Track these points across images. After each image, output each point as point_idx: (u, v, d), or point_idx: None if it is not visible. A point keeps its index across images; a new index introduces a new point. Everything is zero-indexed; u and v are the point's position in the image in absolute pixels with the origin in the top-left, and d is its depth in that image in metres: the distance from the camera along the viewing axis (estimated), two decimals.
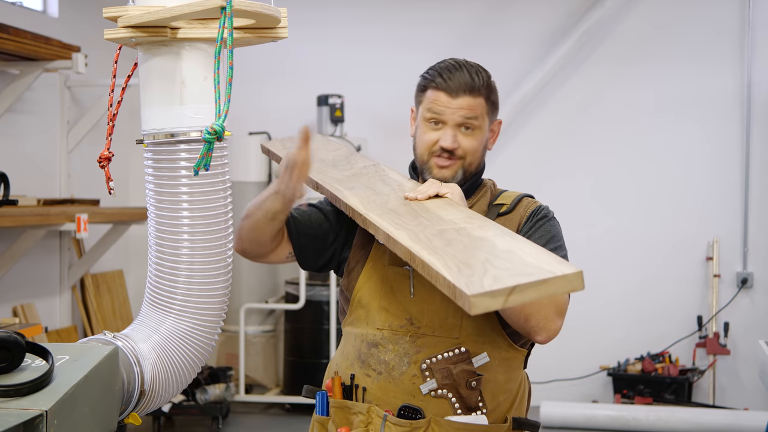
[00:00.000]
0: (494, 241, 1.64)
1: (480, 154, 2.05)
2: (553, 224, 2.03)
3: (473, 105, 2.00)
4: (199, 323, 1.75)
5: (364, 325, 2.02)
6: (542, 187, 6.47)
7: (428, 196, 1.91)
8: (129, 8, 1.63)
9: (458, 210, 1.84)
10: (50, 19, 5.70)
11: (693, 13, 6.35)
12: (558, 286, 1.46)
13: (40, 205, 4.81)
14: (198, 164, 1.53)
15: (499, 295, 1.42)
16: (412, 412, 1.93)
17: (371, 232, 1.85)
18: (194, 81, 1.67)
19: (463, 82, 1.99)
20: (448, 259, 1.57)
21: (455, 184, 1.97)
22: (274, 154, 2.36)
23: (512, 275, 1.47)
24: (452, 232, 1.71)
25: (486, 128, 2.05)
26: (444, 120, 2.01)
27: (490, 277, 1.47)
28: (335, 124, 6.37)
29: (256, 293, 6.43)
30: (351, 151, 2.35)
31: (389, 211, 1.87)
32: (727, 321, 6.20)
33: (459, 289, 1.44)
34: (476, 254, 1.58)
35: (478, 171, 2.07)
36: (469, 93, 1.99)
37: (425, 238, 1.68)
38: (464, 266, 1.53)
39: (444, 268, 1.53)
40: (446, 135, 2.01)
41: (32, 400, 1.38)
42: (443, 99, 2.01)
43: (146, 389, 1.68)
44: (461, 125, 2.01)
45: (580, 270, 1.47)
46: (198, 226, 1.71)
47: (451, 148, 2.01)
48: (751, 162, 6.24)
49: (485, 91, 2.02)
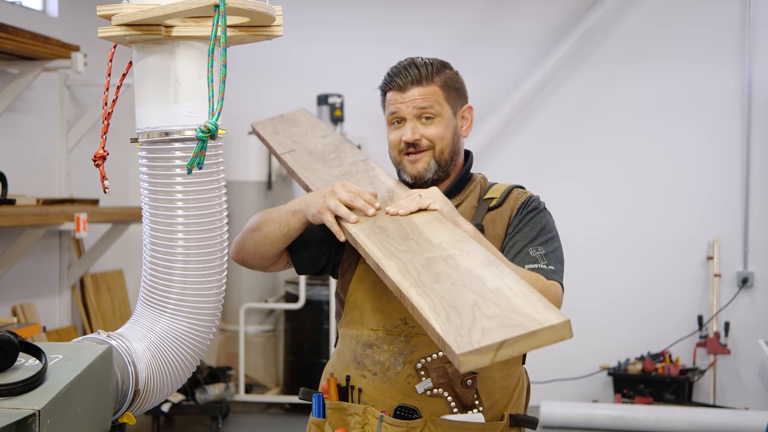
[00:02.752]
0: (481, 275, 1.65)
1: (450, 140, 2.06)
2: (543, 215, 2.02)
3: (425, 94, 2.04)
4: (193, 323, 1.74)
5: (359, 326, 2.01)
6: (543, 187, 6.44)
7: (410, 212, 1.90)
8: (123, 6, 1.62)
9: (446, 229, 1.82)
10: (50, 18, 5.70)
11: (693, 12, 6.34)
12: (546, 337, 1.47)
13: (39, 205, 4.80)
14: (191, 162, 1.52)
15: (487, 351, 1.44)
16: (408, 412, 1.92)
17: (361, 254, 1.85)
18: (189, 79, 1.66)
19: (410, 75, 2.04)
20: (437, 301, 1.58)
21: (435, 189, 1.95)
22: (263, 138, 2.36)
23: (501, 326, 1.48)
24: (441, 261, 1.71)
25: (448, 115, 2.06)
26: (402, 116, 2.05)
27: (478, 329, 1.48)
28: (335, 124, 6.37)
29: (256, 293, 6.43)
30: (340, 139, 2.35)
31: (378, 229, 1.86)
32: (728, 321, 6.19)
33: (448, 345, 1.47)
34: (465, 295, 1.59)
35: (454, 160, 2.07)
36: (417, 84, 2.04)
37: (414, 270, 1.69)
38: (453, 312, 1.54)
39: (433, 314, 1.54)
40: (406, 129, 2.05)
41: (25, 400, 1.38)
42: (397, 96, 2.06)
43: (141, 389, 1.68)
44: (420, 116, 2.04)
45: (567, 319, 1.48)
46: (193, 225, 1.70)
47: (412, 140, 2.04)
48: (752, 161, 6.23)
49: (437, 78, 2.05)
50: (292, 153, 2.26)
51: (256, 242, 2.04)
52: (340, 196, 1.90)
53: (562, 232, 2.06)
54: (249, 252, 2.07)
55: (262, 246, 2.04)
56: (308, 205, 1.95)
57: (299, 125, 2.40)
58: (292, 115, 2.46)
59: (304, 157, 2.24)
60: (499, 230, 2.00)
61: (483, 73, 6.33)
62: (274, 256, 2.07)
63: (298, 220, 1.99)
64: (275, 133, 2.36)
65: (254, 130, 2.43)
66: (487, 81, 6.35)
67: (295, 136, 2.34)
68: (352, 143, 2.34)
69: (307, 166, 2.17)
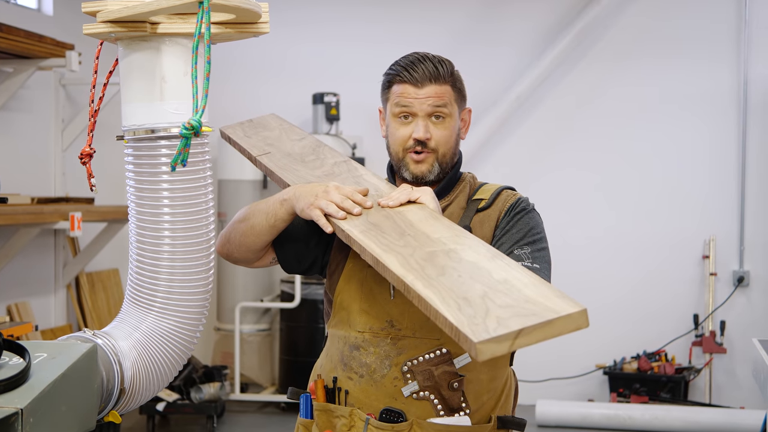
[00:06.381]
0: (488, 268, 1.61)
1: (452, 144, 2.02)
2: (531, 217, 1.99)
3: (440, 93, 1.99)
4: (180, 321, 1.73)
5: (347, 328, 1.99)
6: (539, 184, 6.47)
7: (400, 203, 1.87)
8: (108, 3, 1.61)
9: (442, 224, 1.79)
10: (45, 17, 5.69)
11: (689, 9, 6.34)
12: (563, 326, 1.44)
13: (34, 204, 4.79)
14: (175, 160, 1.52)
15: (505, 339, 1.39)
16: (394, 416, 1.90)
17: (356, 250, 1.79)
18: (174, 76, 1.65)
19: (427, 71, 1.98)
20: (445, 292, 1.53)
21: (427, 187, 1.93)
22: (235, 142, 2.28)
23: (516, 315, 1.44)
24: (442, 255, 1.67)
25: (456, 116, 2.03)
26: (413, 112, 2.00)
27: (493, 318, 1.44)
28: (330, 123, 6.36)
29: (252, 292, 6.42)
30: (317, 142, 2.27)
31: (372, 226, 1.81)
32: (724, 319, 6.19)
33: (464, 334, 1.42)
34: (473, 287, 1.54)
35: (453, 162, 2.04)
36: (434, 81, 1.98)
37: (416, 264, 1.64)
38: (464, 302, 1.49)
39: (443, 305, 1.50)
40: (418, 126, 1.99)
41: (7, 399, 1.37)
42: (410, 91, 1.99)
43: (126, 387, 1.67)
44: (431, 115, 1.99)
45: (583, 308, 1.45)
46: (179, 223, 1.69)
47: (424, 138, 1.98)
48: (748, 160, 6.23)
49: (450, 79, 2.01)
50: (269, 155, 2.20)
51: (243, 233, 2.00)
52: (332, 197, 1.86)
53: (558, 231, 2.04)
54: (235, 244, 2.02)
55: (248, 237, 1.99)
56: (298, 198, 1.91)
57: (271, 129, 2.34)
58: (262, 120, 2.39)
59: (281, 159, 2.17)
60: (487, 232, 1.98)
61: (480, 71, 6.33)
62: (259, 249, 2.02)
63: (285, 210, 1.94)
64: (247, 136, 2.29)
65: (223, 135, 2.35)
66: (484, 79, 6.35)
67: (268, 139, 2.28)
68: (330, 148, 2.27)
69: (287, 167, 2.12)
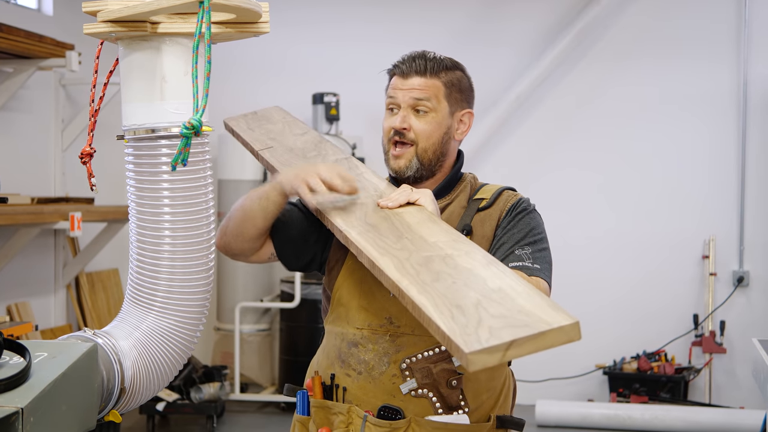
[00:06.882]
0: (483, 275, 1.61)
1: (436, 140, 2.01)
2: (532, 217, 1.99)
3: (424, 85, 2.00)
4: (180, 320, 1.73)
5: (345, 324, 2.00)
6: (539, 184, 6.47)
7: (399, 204, 1.87)
8: (108, 3, 1.61)
9: (440, 228, 1.79)
10: (45, 17, 5.69)
11: (689, 9, 6.34)
12: (555, 339, 1.43)
13: (34, 204, 4.79)
14: (175, 159, 1.52)
15: (496, 351, 1.39)
16: (392, 413, 1.90)
17: (353, 251, 1.79)
18: (175, 76, 1.65)
19: (415, 64, 2.00)
20: (438, 299, 1.53)
21: (427, 189, 1.93)
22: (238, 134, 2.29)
23: (508, 326, 1.43)
24: (438, 260, 1.67)
25: (444, 113, 2.02)
26: (398, 103, 2.03)
27: (485, 328, 1.44)
28: (330, 123, 6.36)
29: (252, 292, 6.42)
30: (319, 137, 2.28)
31: (370, 227, 1.81)
32: (723, 319, 6.19)
33: (455, 344, 1.41)
34: (467, 294, 1.54)
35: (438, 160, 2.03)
36: (420, 74, 2.00)
37: (412, 268, 1.64)
38: (457, 310, 1.49)
39: (436, 312, 1.49)
40: (397, 116, 2.01)
41: (8, 398, 1.37)
42: (398, 82, 2.03)
43: (127, 387, 1.67)
44: (414, 107, 2.01)
45: (576, 320, 1.45)
46: (179, 223, 1.70)
47: (399, 127, 2.00)
48: (748, 159, 6.23)
49: (443, 74, 2.01)
50: (271, 150, 2.20)
51: (238, 221, 1.99)
52: (321, 173, 1.86)
53: (558, 231, 2.04)
54: (231, 234, 2.01)
55: (243, 224, 1.98)
56: (288, 175, 1.91)
57: (274, 122, 2.34)
58: (265, 112, 2.39)
59: (283, 154, 2.18)
60: (488, 231, 1.98)
61: (480, 71, 6.24)
62: (255, 237, 2.00)
63: (277, 191, 1.93)
64: (250, 129, 2.29)
65: (227, 127, 2.36)
66: (483, 79, 6.28)
67: (271, 133, 2.28)
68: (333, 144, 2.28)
69: (288, 162, 2.12)
